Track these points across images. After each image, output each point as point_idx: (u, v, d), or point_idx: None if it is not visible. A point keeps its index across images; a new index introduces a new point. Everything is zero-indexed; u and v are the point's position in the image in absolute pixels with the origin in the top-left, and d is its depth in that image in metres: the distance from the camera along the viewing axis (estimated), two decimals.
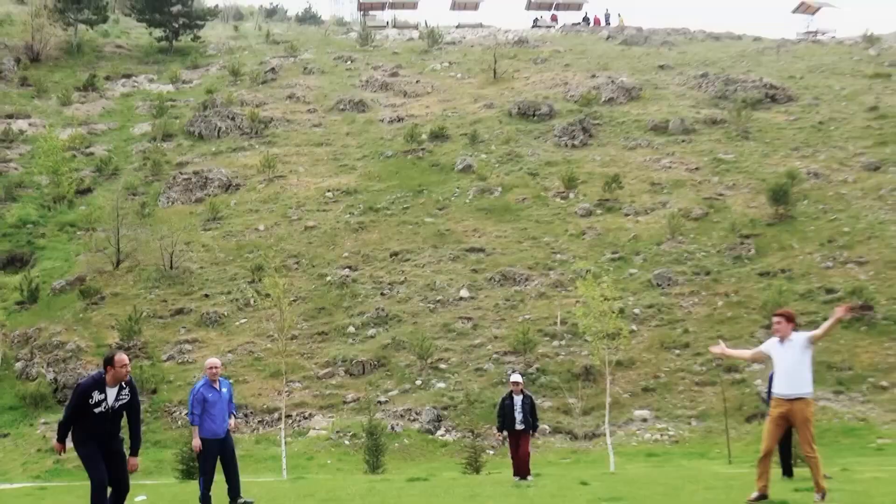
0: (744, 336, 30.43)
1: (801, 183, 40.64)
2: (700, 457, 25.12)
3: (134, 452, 10.79)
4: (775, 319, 11.15)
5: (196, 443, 14.04)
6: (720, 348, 11.78)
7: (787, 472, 15.67)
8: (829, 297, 32.57)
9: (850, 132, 46.53)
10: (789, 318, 11.07)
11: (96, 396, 10.43)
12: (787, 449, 15.93)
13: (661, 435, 27.59)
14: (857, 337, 30.82)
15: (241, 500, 14.03)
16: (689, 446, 26.60)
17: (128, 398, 10.69)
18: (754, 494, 10.70)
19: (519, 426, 18.39)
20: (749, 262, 35.97)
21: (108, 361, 10.54)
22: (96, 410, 10.44)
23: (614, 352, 27.38)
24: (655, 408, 28.97)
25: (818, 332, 11.22)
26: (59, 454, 11.16)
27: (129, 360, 10.87)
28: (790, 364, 10.90)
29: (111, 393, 10.52)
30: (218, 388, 14.20)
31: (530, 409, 18.59)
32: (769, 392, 13.57)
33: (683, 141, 47.48)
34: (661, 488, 14.52)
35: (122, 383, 10.60)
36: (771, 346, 11.21)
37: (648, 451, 26.33)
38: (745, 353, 12.23)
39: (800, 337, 10.93)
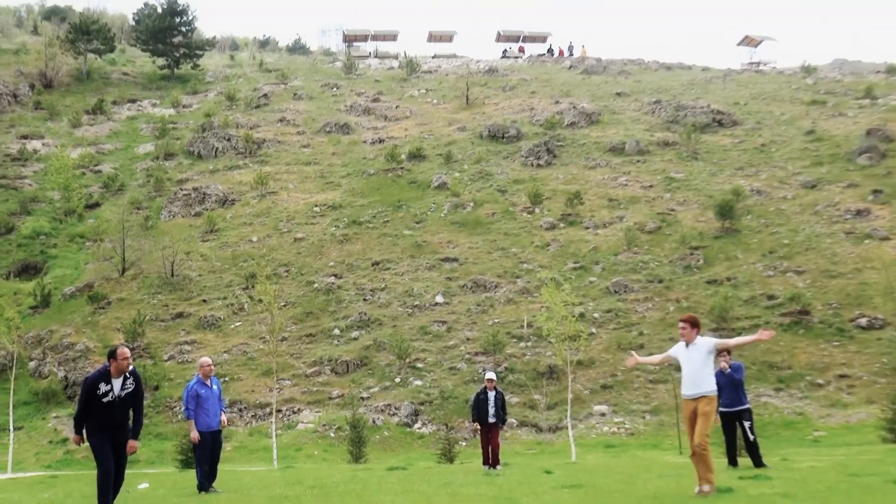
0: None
1: (745, 199, 40.89)
2: (653, 448, 25.13)
3: (135, 436, 10.84)
4: (681, 325, 10.84)
5: (194, 435, 13.99)
6: (633, 361, 11.59)
7: (732, 461, 15.69)
8: (771, 303, 32.81)
9: (789, 153, 46.86)
10: (693, 324, 10.81)
11: (103, 387, 10.49)
12: (731, 440, 15.97)
13: (618, 428, 27.58)
14: (796, 339, 30.98)
15: (212, 489, 14.02)
16: (644, 438, 26.61)
17: (133, 387, 10.73)
18: (697, 488, 10.65)
19: (491, 419, 18.47)
20: (698, 272, 36.10)
21: (111, 355, 10.65)
22: (104, 400, 10.49)
23: (575, 352, 27.46)
24: (613, 403, 28.96)
25: (731, 342, 11.10)
26: (78, 445, 11.21)
27: (132, 355, 10.90)
28: (694, 367, 10.66)
29: (116, 383, 10.57)
30: (209, 385, 14.19)
31: (501, 404, 18.68)
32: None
33: (638, 161, 47.63)
34: (619, 476, 14.52)
35: (127, 374, 10.65)
36: (678, 350, 10.92)
37: (606, 443, 26.32)
38: (656, 358, 11.93)
39: (705, 342, 10.67)
